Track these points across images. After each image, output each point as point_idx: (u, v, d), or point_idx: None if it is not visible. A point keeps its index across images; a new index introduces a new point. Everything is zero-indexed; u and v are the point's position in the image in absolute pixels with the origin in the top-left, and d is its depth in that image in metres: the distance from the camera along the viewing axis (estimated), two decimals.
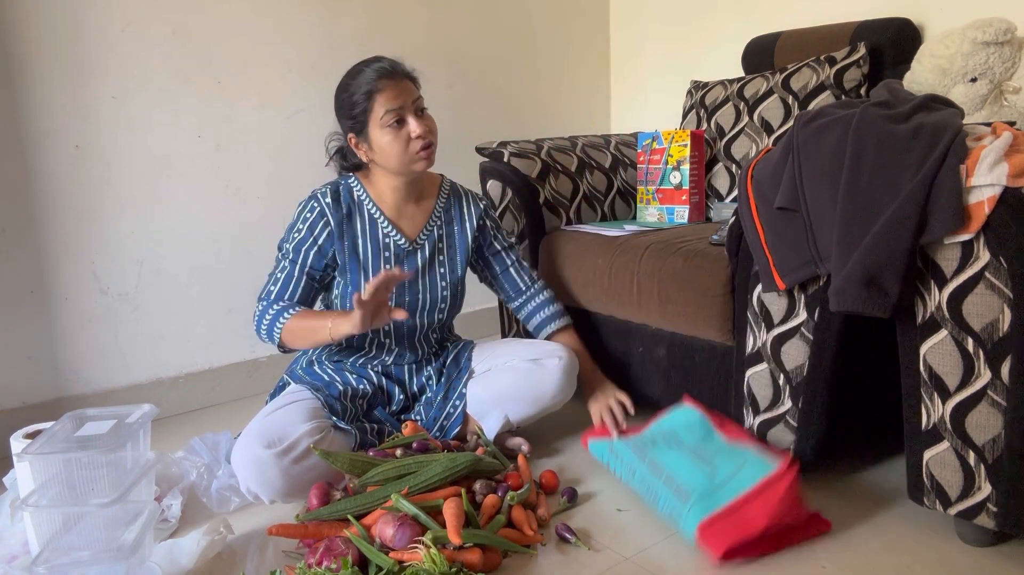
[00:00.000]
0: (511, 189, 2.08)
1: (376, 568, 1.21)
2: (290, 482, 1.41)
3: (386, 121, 1.55)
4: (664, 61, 2.78)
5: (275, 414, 1.49)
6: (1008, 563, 1.24)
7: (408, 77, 1.60)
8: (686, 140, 2.09)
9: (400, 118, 1.56)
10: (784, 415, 1.46)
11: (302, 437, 1.43)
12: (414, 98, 1.59)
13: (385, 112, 1.55)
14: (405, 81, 1.58)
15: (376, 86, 1.55)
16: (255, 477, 1.41)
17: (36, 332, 1.89)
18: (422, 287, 1.71)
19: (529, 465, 1.58)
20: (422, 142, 1.57)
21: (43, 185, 1.86)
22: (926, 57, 1.77)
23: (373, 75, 1.56)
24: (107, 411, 1.30)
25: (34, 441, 1.20)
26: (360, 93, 1.56)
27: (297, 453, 1.41)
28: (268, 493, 1.42)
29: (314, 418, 1.48)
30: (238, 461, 1.43)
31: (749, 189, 1.42)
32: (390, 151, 1.58)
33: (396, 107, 1.55)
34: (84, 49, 1.87)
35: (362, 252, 1.65)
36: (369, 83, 1.55)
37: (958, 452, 1.22)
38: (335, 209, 1.63)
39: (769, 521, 1.25)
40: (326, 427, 1.49)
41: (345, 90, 1.60)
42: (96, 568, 1.14)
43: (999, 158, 1.12)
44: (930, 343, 1.22)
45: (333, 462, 1.40)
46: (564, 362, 1.67)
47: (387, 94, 1.55)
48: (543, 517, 1.40)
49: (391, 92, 1.55)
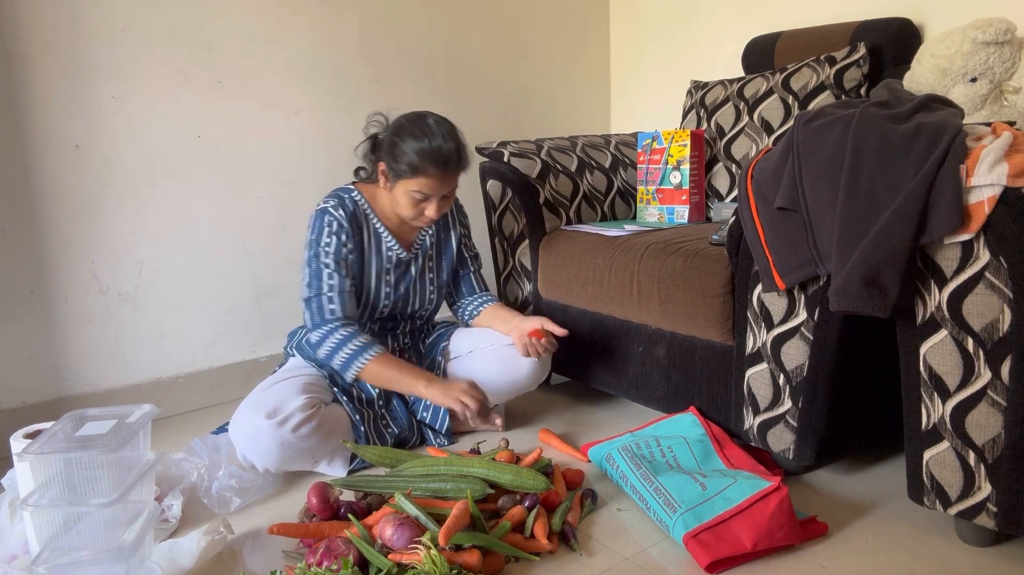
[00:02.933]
0: (511, 189, 2.09)
1: (376, 569, 1.21)
2: (283, 451, 1.53)
3: (414, 196, 1.67)
4: (664, 61, 2.78)
5: (272, 388, 1.61)
6: (1008, 563, 1.25)
7: (459, 171, 1.70)
8: (686, 140, 2.09)
9: (425, 198, 1.67)
10: (784, 415, 1.46)
11: (296, 410, 1.54)
12: (448, 191, 1.70)
13: (417, 190, 1.66)
14: (453, 177, 1.69)
15: (426, 170, 1.63)
16: (251, 446, 1.53)
17: (36, 332, 1.89)
18: (414, 291, 1.86)
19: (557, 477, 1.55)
20: (428, 221, 1.72)
21: (43, 185, 1.86)
22: (926, 57, 1.77)
23: (429, 157, 1.62)
24: (107, 411, 1.30)
25: (34, 441, 1.20)
26: (409, 157, 1.64)
27: (291, 424, 1.53)
28: (263, 461, 1.54)
29: (308, 392, 1.60)
30: (236, 431, 1.56)
31: (749, 189, 1.42)
32: (402, 206, 1.70)
33: (428, 193, 1.66)
34: (84, 49, 1.87)
35: (367, 262, 1.78)
36: (421, 163, 1.63)
37: (958, 452, 1.22)
38: (350, 222, 1.73)
39: (757, 538, 1.25)
40: (318, 402, 1.61)
41: (403, 135, 1.66)
42: (96, 568, 1.14)
43: (999, 158, 1.12)
44: (930, 343, 1.22)
45: (364, 455, 1.54)
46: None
47: (429, 182, 1.65)
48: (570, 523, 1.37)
49: (433, 182, 1.65)
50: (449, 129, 1.67)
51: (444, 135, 1.65)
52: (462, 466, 1.43)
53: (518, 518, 1.34)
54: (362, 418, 1.70)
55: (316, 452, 1.60)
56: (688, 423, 1.66)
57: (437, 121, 1.68)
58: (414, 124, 1.66)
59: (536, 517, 1.34)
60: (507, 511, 1.36)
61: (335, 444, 1.63)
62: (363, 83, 2.34)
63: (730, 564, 1.25)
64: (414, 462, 1.50)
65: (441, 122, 1.68)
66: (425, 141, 1.63)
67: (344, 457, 1.65)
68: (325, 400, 1.67)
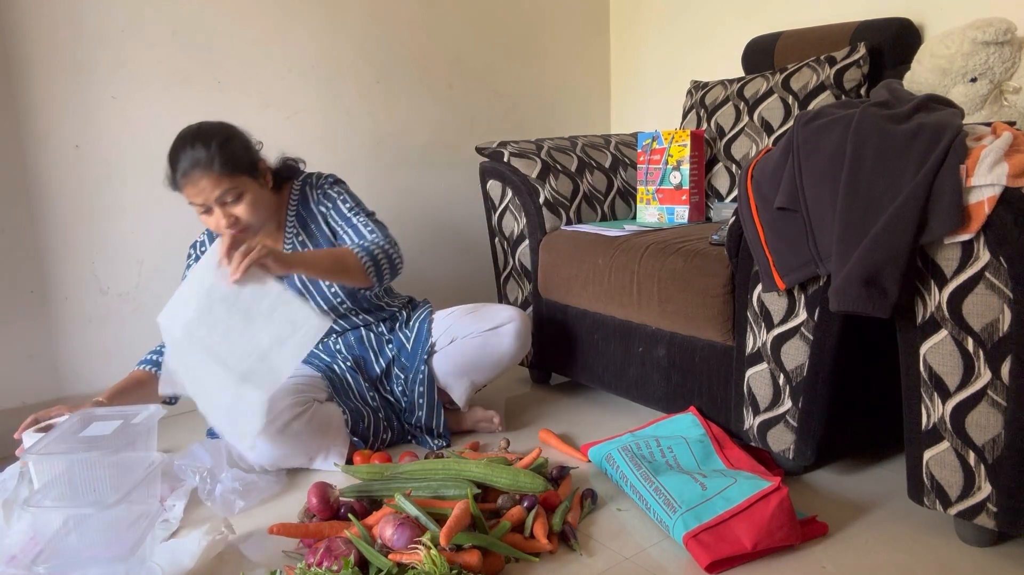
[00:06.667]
0: (511, 189, 2.09)
1: (376, 569, 1.21)
2: (275, 449, 1.58)
3: (196, 210, 1.61)
4: (664, 61, 2.78)
5: None
6: (1008, 563, 1.25)
7: (205, 172, 1.55)
8: (686, 140, 2.09)
9: (206, 208, 1.59)
10: (784, 415, 1.46)
11: (284, 409, 1.59)
12: (216, 192, 1.57)
13: (190, 202, 1.60)
14: (199, 180, 1.55)
15: (175, 181, 1.59)
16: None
17: (36, 332, 1.89)
18: (314, 288, 1.77)
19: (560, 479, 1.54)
20: (232, 231, 1.59)
21: (43, 185, 1.86)
22: (926, 57, 1.77)
23: (170, 167, 1.58)
24: (115, 411, 1.31)
25: (40, 440, 1.20)
26: (169, 178, 1.60)
27: (280, 423, 1.57)
28: (258, 459, 1.59)
29: (299, 393, 1.65)
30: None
31: (749, 189, 1.42)
32: (206, 225, 1.65)
33: (199, 203, 1.59)
34: (84, 49, 1.87)
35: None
36: (170, 175, 1.59)
37: (958, 452, 1.22)
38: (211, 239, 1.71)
39: (757, 538, 1.25)
40: (310, 400, 1.65)
41: (168, 163, 1.60)
42: (96, 568, 1.14)
43: (999, 158, 1.12)
44: (930, 343, 1.22)
45: (354, 474, 1.51)
46: (518, 325, 1.83)
47: (185, 192, 1.59)
48: (570, 524, 1.37)
49: (188, 191, 1.58)
50: (191, 133, 1.59)
51: (181, 139, 1.58)
52: (459, 468, 1.43)
53: (518, 518, 1.34)
54: (359, 416, 1.72)
55: (309, 448, 1.63)
56: (688, 423, 1.66)
57: (189, 127, 1.61)
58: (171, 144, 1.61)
59: (536, 517, 1.34)
60: (507, 511, 1.36)
61: (330, 440, 1.65)
62: (363, 83, 2.34)
63: (730, 564, 1.25)
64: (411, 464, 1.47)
65: (191, 127, 1.61)
66: (169, 149, 1.59)
67: (340, 453, 1.66)
68: (319, 398, 1.70)
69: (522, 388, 2.19)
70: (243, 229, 1.62)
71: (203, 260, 1.47)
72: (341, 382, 1.79)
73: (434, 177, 2.53)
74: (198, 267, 1.48)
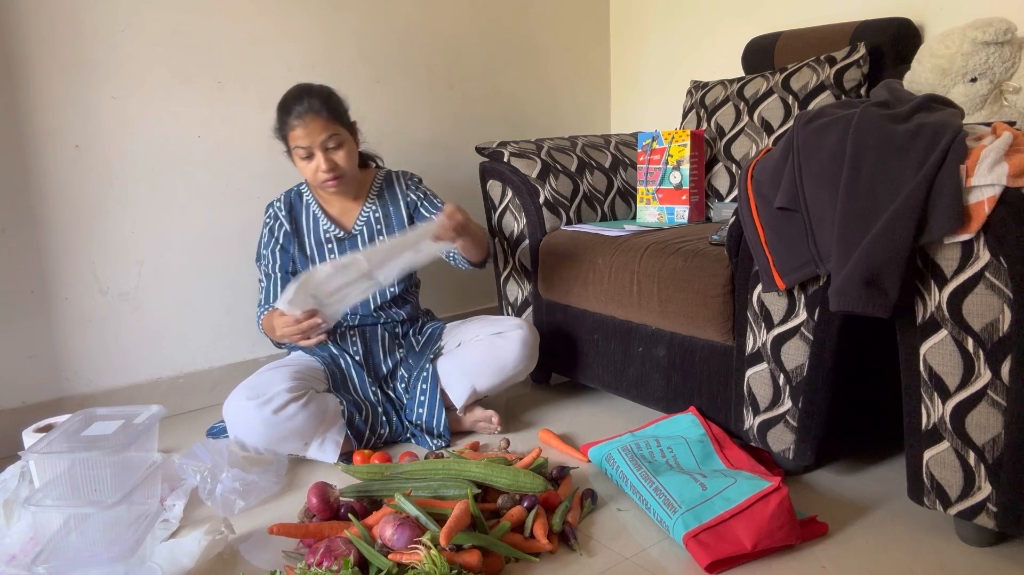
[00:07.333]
0: (511, 189, 2.09)
1: (376, 569, 1.21)
2: (269, 431, 1.61)
3: (298, 154, 1.77)
4: (664, 61, 2.78)
5: (263, 374, 1.71)
6: (1008, 563, 1.25)
7: (319, 113, 1.73)
8: (686, 140, 2.09)
9: (309, 153, 1.75)
10: (784, 415, 1.46)
11: (280, 392, 1.62)
12: (323, 136, 1.73)
13: (295, 146, 1.76)
14: (315, 120, 1.72)
15: (287, 122, 1.75)
16: (240, 425, 1.62)
17: (36, 332, 1.89)
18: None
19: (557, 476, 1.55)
20: (329, 178, 1.77)
21: (43, 185, 1.86)
22: (926, 57, 1.77)
23: (283, 109, 1.76)
24: (117, 411, 1.31)
25: (41, 439, 1.20)
26: (277, 120, 1.78)
27: (275, 405, 1.61)
28: (251, 439, 1.62)
29: (295, 379, 1.67)
30: (226, 410, 1.65)
31: (749, 189, 1.42)
32: (305, 173, 1.81)
33: (304, 145, 1.74)
34: (84, 49, 1.87)
35: (308, 246, 1.88)
36: (282, 117, 1.77)
37: (958, 452, 1.22)
38: (286, 213, 1.88)
39: (757, 538, 1.25)
40: (308, 388, 1.68)
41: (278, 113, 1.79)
42: (96, 568, 1.14)
43: (999, 158, 1.12)
44: (930, 343, 1.22)
45: (354, 474, 1.49)
46: (525, 333, 1.84)
47: (295, 133, 1.74)
48: (570, 523, 1.37)
49: (298, 131, 1.73)
50: (305, 86, 1.77)
51: (297, 89, 1.77)
52: (459, 468, 1.43)
53: (518, 518, 1.34)
54: (356, 409, 1.74)
55: (304, 433, 1.64)
56: (688, 423, 1.66)
57: (298, 84, 1.79)
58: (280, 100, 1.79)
59: (536, 517, 1.34)
60: (506, 511, 1.36)
61: (326, 428, 1.67)
62: (363, 83, 2.34)
63: (730, 564, 1.25)
64: (411, 464, 1.49)
65: (301, 84, 1.79)
66: (281, 101, 1.77)
67: (335, 442, 1.68)
68: (317, 388, 1.73)
69: (522, 388, 2.20)
70: (338, 176, 1.77)
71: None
72: (343, 375, 1.82)
73: (434, 177, 2.53)
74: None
